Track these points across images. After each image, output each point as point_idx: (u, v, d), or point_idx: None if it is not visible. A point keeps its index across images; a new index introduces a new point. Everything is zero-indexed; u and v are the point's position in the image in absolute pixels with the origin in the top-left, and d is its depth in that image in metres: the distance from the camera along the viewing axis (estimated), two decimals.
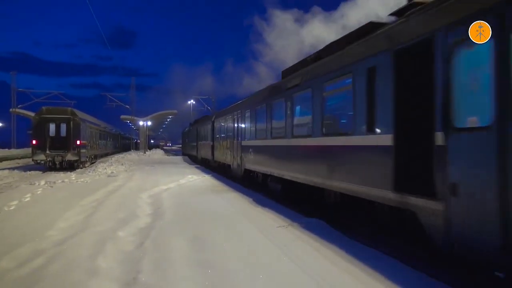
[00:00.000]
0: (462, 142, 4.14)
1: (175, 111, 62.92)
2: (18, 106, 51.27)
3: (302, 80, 8.76)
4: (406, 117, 5.23)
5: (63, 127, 23.09)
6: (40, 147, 22.44)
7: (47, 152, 22.36)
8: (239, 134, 15.18)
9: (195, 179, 16.40)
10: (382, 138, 5.63)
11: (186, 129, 42.91)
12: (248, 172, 13.95)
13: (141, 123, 54.31)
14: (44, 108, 23.89)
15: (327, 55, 8.04)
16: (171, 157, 43.43)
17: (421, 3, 5.43)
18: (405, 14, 5.71)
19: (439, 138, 4.43)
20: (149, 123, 55.52)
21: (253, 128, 12.96)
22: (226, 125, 17.96)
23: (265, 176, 11.87)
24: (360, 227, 7.08)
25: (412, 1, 5.86)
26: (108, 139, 41.05)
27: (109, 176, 18.44)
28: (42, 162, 22.49)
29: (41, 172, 21.48)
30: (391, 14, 6.38)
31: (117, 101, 55.83)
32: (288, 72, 10.62)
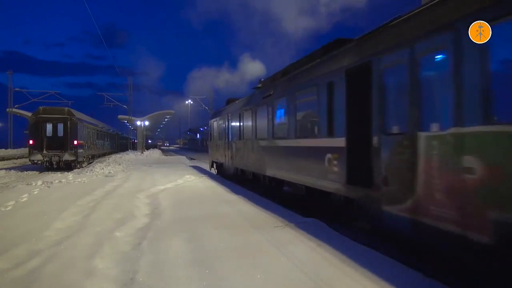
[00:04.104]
0: None
1: (172, 111, 62.90)
2: (15, 106, 51.03)
3: None
4: None
5: (60, 127, 23.07)
6: (37, 147, 22.41)
7: (44, 152, 22.34)
8: None
9: (193, 180, 16.37)
10: None
11: (243, 101, 14.86)
12: None
13: (138, 123, 54.20)
14: (41, 108, 23.85)
15: None
16: (168, 157, 43.35)
17: None
18: None
19: None
20: (147, 123, 55.40)
21: None
22: None
23: None
24: (358, 226, 7.08)
25: None
26: (106, 139, 40.97)
27: (106, 176, 18.40)
28: (39, 162, 22.46)
29: (38, 172, 21.43)
30: None
31: (114, 101, 55.71)
32: None
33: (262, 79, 13.27)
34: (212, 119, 20.62)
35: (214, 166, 20.71)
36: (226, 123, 16.64)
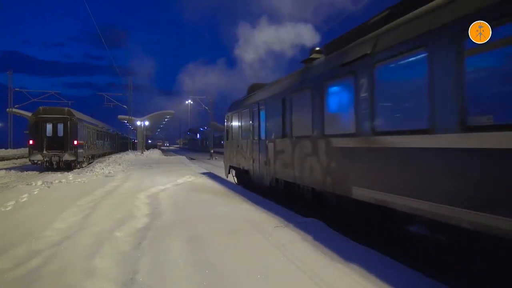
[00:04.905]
0: None
1: (172, 111, 62.90)
2: (15, 106, 51.03)
3: None
4: None
5: (60, 127, 23.11)
6: (37, 147, 22.45)
7: (44, 152, 22.37)
8: None
9: (193, 179, 16.38)
10: None
11: (288, 80, 9.90)
12: None
13: (138, 123, 54.18)
14: (41, 108, 23.88)
15: None
16: (168, 157, 43.34)
17: None
18: None
19: None
20: (147, 123, 55.39)
21: None
22: None
23: None
24: (358, 226, 7.07)
25: None
26: (106, 139, 41.01)
27: (106, 176, 18.40)
28: (39, 162, 22.48)
29: (38, 172, 21.44)
30: None
31: (114, 101, 55.69)
32: None
33: (317, 48, 9.14)
34: (229, 112, 15.62)
35: (233, 173, 16.15)
36: (255, 116, 12.19)
